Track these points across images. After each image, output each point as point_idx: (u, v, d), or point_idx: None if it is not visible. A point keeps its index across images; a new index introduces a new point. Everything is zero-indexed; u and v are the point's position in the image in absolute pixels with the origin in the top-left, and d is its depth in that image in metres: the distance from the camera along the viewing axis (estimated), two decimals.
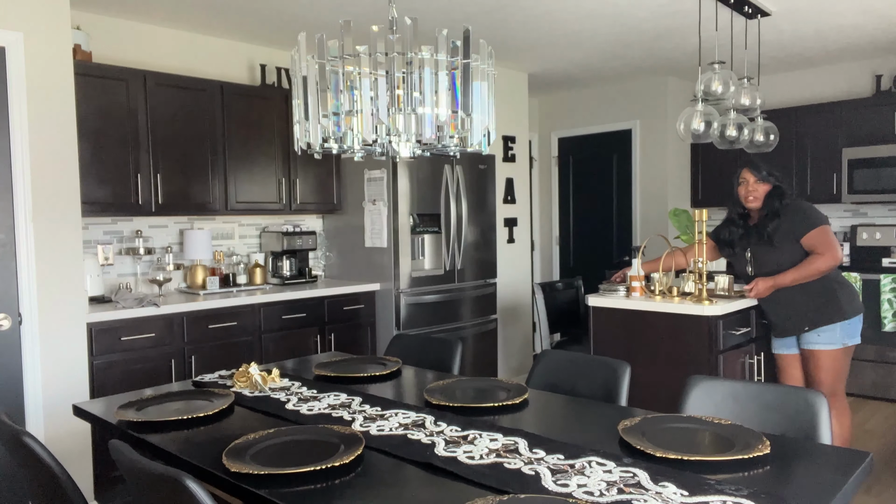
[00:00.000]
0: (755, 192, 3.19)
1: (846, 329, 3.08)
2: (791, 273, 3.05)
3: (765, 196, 3.19)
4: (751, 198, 3.20)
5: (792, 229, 3.09)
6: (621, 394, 2.20)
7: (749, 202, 3.22)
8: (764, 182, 3.20)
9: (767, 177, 3.19)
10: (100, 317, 3.28)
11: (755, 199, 3.20)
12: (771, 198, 3.18)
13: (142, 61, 4.00)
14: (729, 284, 3.32)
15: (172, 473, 1.25)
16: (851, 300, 3.12)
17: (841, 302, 3.08)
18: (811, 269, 3.02)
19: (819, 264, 3.01)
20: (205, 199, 3.94)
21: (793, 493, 1.35)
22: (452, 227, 4.68)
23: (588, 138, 6.59)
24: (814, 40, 4.82)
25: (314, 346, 4.16)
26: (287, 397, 2.13)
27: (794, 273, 3.04)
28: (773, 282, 3.06)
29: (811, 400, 1.85)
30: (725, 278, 3.29)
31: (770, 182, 3.19)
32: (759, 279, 3.08)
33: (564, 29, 4.41)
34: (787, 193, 3.19)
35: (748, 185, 3.21)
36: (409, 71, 1.80)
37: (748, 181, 3.21)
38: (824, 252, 3.01)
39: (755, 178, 3.19)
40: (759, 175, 3.19)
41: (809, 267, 3.02)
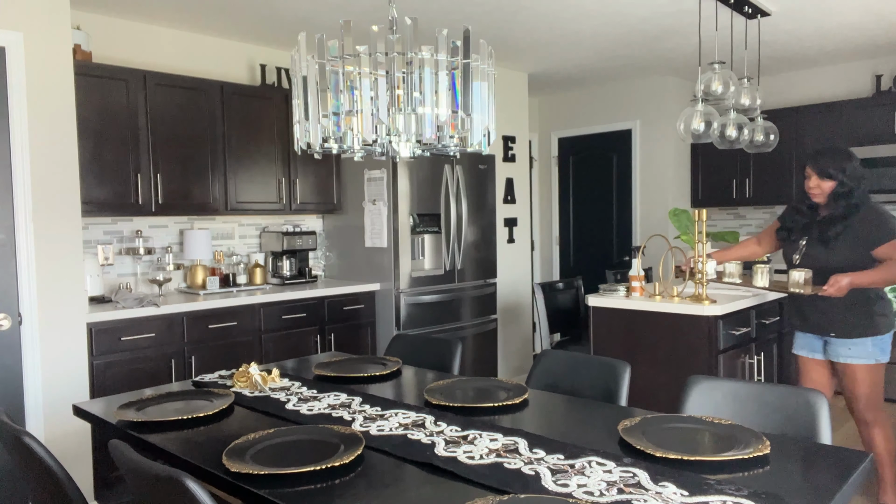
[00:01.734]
0: (818, 189, 2.96)
1: (878, 344, 2.92)
2: (870, 275, 2.77)
3: (830, 194, 2.93)
4: (813, 194, 2.99)
5: (862, 237, 2.85)
6: (621, 394, 2.20)
7: (813, 198, 3.01)
8: (827, 179, 2.92)
9: (831, 174, 2.91)
10: (100, 317, 3.28)
11: (818, 195, 2.97)
12: (837, 198, 2.91)
13: (142, 61, 4.00)
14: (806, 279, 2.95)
15: (172, 473, 1.25)
16: (886, 316, 2.95)
17: (875, 316, 2.91)
18: (887, 274, 2.76)
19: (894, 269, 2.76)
20: (205, 199, 3.94)
21: (793, 493, 1.35)
22: (452, 227, 4.68)
23: (588, 138, 6.59)
24: (814, 40, 4.82)
25: (314, 346, 4.16)
26: (287, 397, 2.13)
27: (874, 275, 2.76)
28: (849, 279, 2.75)
29: (811, 400, 1.85)
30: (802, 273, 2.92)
31: (835, 179, 2.90)
32: (837, 276, 2.75)
33: (564, 29, 4.41)
34: (856, 192, 2.89)
35: (811, 181, 2.98)
36: (409, 71, 1.80)
37: (811, 177, 2.98)
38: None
39: (817, 175, 2.95)
40: (820, 172, 2.93)
41: (887, 272, 2.76)
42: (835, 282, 2.76)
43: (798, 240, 3.07)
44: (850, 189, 2.88)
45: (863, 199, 2.90)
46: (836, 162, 2.90)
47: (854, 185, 2.88)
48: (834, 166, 2.89)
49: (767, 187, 5.74)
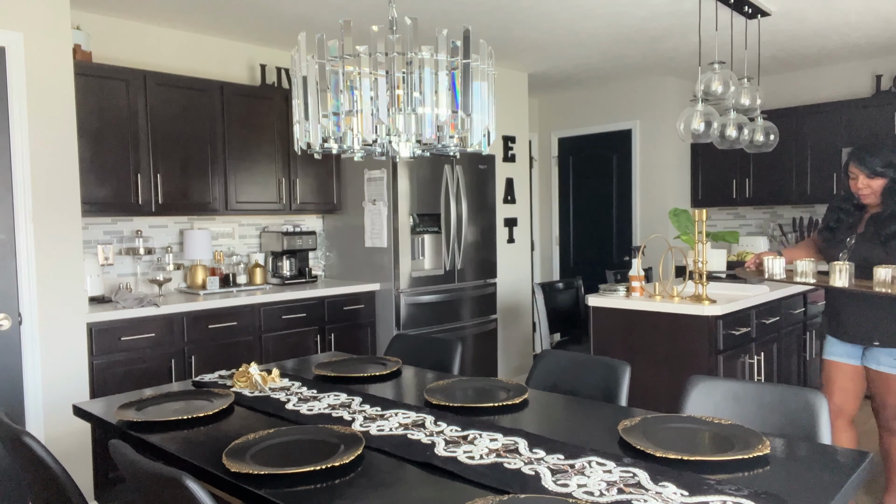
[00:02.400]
0: (868, 189, 2.77)
1: None
2: None
3: (882, 191, 2.75)
4: (863, 195, 2.79)
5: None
6: (621, 394, 2.20)
7: (863, 198, 2.81)
8: (877, 177, 2.74)
9: (882, 171, 2.73)
10: (100, 317, 3.28)
11: (868, 195, 2.78)
12: (891, 194, 2.73)
13: (142, 61, 4.00)
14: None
15: (172, 473, 1.25)
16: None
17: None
18: None
19: None
20: (205, 199, 3.94)
21: (793, 493, 1.35)
22: (452, 227, 4.68)
23: (588, 138, 6.59)
24: (814, 40, 4.82)
25: (314, 346, 4.16)
26: (287, 397, 2.13)
27: None
28: None
29: (811, 400, 1.85)
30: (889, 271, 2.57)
31: (885, 176, 2.73)
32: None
33: (564, 29, 4.41)
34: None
35: (858, 181, 2.79)
36: (409, 71, 1.80)
37: (858, 177, 2.78)
38: None
39: (866, 174, 2.75)
40: (869, 170, 2.74)
41: None
42: None
43: (844, 238, 2.88)
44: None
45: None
46: (883, 158, 2.73)
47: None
48: (883, 163, 2.72)
49: (767, 187, 5.74)
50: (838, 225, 2.93)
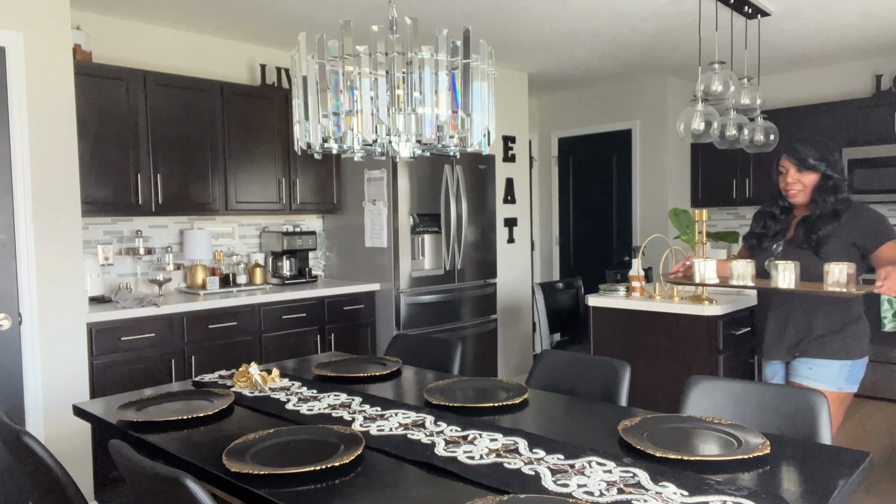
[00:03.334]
0: (798, 185, 2.48)
1: (844, 370, 2.46)
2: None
3: (813, 189, 2.47)
4: (792, 191, 2.51)
5: (856, 238, 2.40)
6: (621, 394, 2.20)
7: (791, 196, 2.53)
8: (810, 171, 2.45)
9: (814, 164, 2.44)
10: (100, 317, 3.28)
11: (798, 192, 2.50)
12: (823, 192, 2.44)
13: (142, 61, 4.00)
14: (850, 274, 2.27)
15: (172, 473, 1.25)
16: (861, 339, 2.52)
17: (848, 338, 2.48)
18: None
19: None
20: (205, 199, 3.94)
21: (793, 493, 1.35)
22: (452, 227, 4.68)
23: (588, 138, 6.59)
24: (814, 40, 4.82)
25: (314, 346, 4.16)
26: (287, 397, 2.13)
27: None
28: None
29: (811, 400, 1.85)
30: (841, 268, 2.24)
31: (819, 170, 2.44)
32: (891, 270, 2.14)
33: (564, 29, 4.41)
34: (843, 186, 2.45)
35: (788, 175, 2.50)
36: (409, 71, 1.80)
37: (788, 171, 2.50)
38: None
39: (796, 167, 2.47)
40: (801, 163, 2.46)
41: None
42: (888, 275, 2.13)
43: (770, 245, 2.62)
44: (836, 183, 2.44)
45: (847, 201, 2.46)
46: (818, 150, 2.45)
47: (839, 178, 2.45)
48: (815, 156, 2.44)
49: (767, 187, 5.73)
50: (765, 231, 2.65)
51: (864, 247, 2.40)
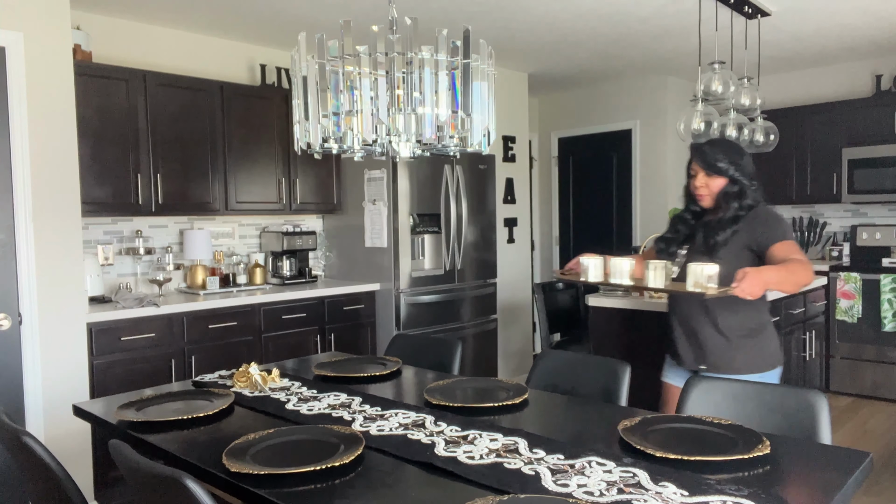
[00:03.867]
0: (706, 189, 2.42)
1: None
2: (779, 270, 2.09)
3: (719, 193, 2.40)
4: (700, 194, 2.45)
5: (752, 239, 2.32)
6: (621, 394, 2.20)
7: (700, 199, 2.47)
8: (717, 175, 2.38)
9: (722, 168, 2.37)
10: (100, 317, 3.28)
11: (705, 196, 2.43)
12: (727, 197, 2.38)
13: (142, 61, 4.00)
14: (710, 275, 2.07)
15: (172, 473, 1.25)
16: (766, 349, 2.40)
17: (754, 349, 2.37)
18: (798, 275, 2.10)
19: (803, 270, 2.12)
20: (205, 199, 3.94)
21: (793, 493, 1.35)
22: (452, 227, 4.68)
23: (588, 138, 6.59)
24: (814, 40, 4.82)
25: (314, 346, 4.16)
26: (287, 397, 2.13)
27: (781, 272, 2.08)
28: (764, 276, 2.02)
29: (811, 400, 1.84)
30: (705, 267, 2.07)
31: (726, 175, 2.38)
32: (749, 270, 2.00)
33: (564, 29, 4.41)
34: (749, 192, 2.38)
35: (697, 178, 2.44)
36: (409, 71, 1.80)
37: (697, 174, 2.44)
38: (805, 260, 2.17)
39: (704, 171, 2.40)
40: (709, 167, 2.39)
41: (797, 271, 2.10)
42: (744, 276, 1.98)
43: (677, 250, 2.59)
44: (742, 188, 2.37)
45: (756, 200, 2.40)
46: (726, 155, 2.39)
47: (746, 184, 2.38)
48: (724, 160, 2.38)
49: (767, 187, 5.68)
50: (675, 236, 2.59)
51: (758, 248, 2.30)
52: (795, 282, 2.10)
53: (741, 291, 1.96)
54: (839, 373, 5.09)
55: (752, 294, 1.96)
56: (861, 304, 4.95)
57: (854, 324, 4.99)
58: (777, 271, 2.07)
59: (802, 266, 2.11)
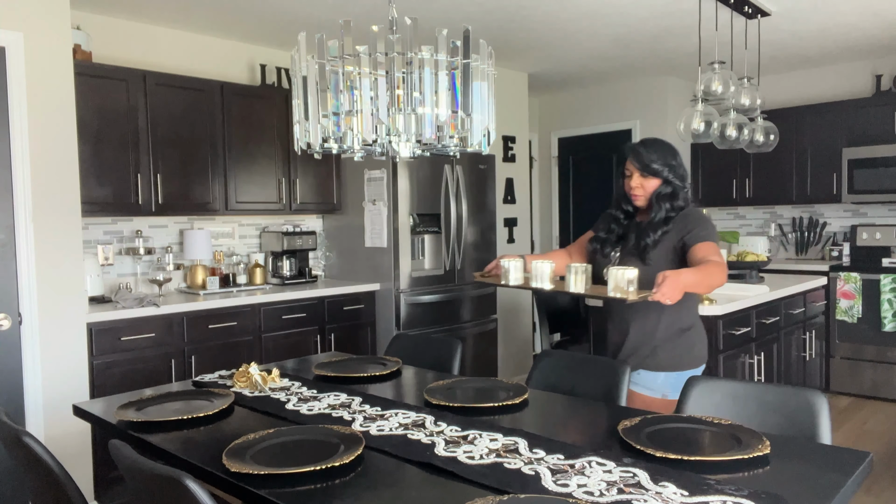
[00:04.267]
0: (641, 189, 2.38)
1: (670, 380, 2.35)
2: (697, 273, 2.07)
3: (652, 194, 2.37)
4: (635, 195, 2.41)
5: (681, 237, 2.29)
6: (621, 394, 2.20)
7: (635, 199, 2.43)
8: (652, 176, 2.36)
9: (657, 169, 2.35)
10: (100, 317, 3.28)
11: (640, 196, 2.40)
12: (660, 198, 2.35)
13: (142, 61, 4.00)
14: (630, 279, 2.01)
15: (172, 473, 1.25)
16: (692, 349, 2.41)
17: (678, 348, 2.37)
18: (713, 278, 2.09)
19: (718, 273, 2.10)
20: (205, 199, 3.94)
21: (793, 493, 1.35)
22: (452, 227, 4.68)
23: (588, 138, 6.59)
24: (814, 40, 4.82)
25: (314, 346, 4.16)
26: (287, 397, 2.13)
27: (698, 274, 2.06)
28: (683, 279, 1.97)
29: (811, 400, 1.84)
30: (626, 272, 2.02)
31: (661, 176, 2.35)
32: (668, 274, 1.95)
33: (564, 29, 4.41)
34: (682, 193, 2.37)
35: (632, 179, 2.40)
36: (409, 71, 1.80)
37: (633, 174, 2.40)
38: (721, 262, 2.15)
39: (639, 171, 2.37)
40: (644, 168, 2.36)
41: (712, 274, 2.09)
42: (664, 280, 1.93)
43: (610, 252, 2.51)
44: (674, 190, 2.35)
45: (687, 202, 2.39)
46: (661, 156, 2.37)
47: (679, 185, 2.37)
48: (659, 161, 2.35)
49: (767, 187, 5.74)
50: (608, 236, 2.53)
51: (683, 248, 2.29)
52: (710, 284, 2.09)
53: (661, 296, 1.92)
54: (839, 373, 5.09)
55: (671, 298, 1.92)
56: (861, 304, 4.95)
57: (854, 324, 4.99)
58: (694, 274, 2.05)
59: (718, 268, 2.11)
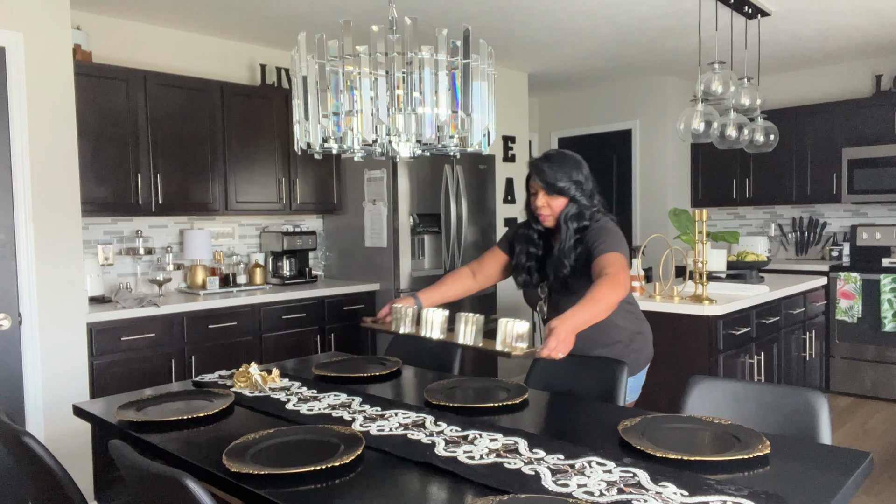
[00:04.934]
0: (548, 209, 2.26)
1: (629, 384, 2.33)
2: (583, 309, 1.91)
3: (560, 214, 2.25)
4: (542, 215, 2.28)
5: (589, 252, 2.18)
6: (619, 394, 2.20)
7: (542, 219, 2.30)
8: (558, 195, 2.23)
9: (563, 189, 2.22)
10: (100, 317, 3.27)
11: (548, 216, 2.28)
12: (567, 218, 2.23)
13: (142, 61, 4.00)
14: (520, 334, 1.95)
15: (172, 473, 1.25)
16: (641, 352, 2.41)
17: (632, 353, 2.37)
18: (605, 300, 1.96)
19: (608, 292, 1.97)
20: (205, 199, 3.94)
21: (793, 493, 1.35)
22: (452, 227, 4.68)
23: (588, 138, 6.59)
24: (814, 40, 4.82)
25: (314, 346, 4.16)
26: (287, 397, 2.13)
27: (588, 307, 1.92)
28: (572, 325, 1.85)
29: (811, 400, 1.85)
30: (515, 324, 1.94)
31: (567, 195, 2.22)
32: (558, 324, 1.84)
33: (564, 29, 4.41)
34: (587, 212, 2.24)
35: (538, 197, 2.27)
36: (409, 71, 1.80)
37: (538, 193, 2.27)
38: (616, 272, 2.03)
39: (544, 190, 2.24)
40: (549, 188, 2.23)
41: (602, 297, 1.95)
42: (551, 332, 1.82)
43: (540, 283, 2.40)
44: (580, 210, 2.24)
45: (595, 218, 2.25)
46: (567, 173, 2.23)
47: (586, 204, 2.25)
48: (564, 179, 2.22)
49: (767, 187, 5.74)
50: (528, 262, 2.38)
51: (591, 257, 2.17)
52: (604, 309, 1.96)
53: (548, 353, 1.78)
54: (839, 373, 5.09)
55: (562, 352, 1.79)
56: (861, 304, 4.95)
57: (854, 324, 4.99)
58: (582, 310, 1.90)
59: (608, 286, 1.97)
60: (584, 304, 1.92)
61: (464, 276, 2.55)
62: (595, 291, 1.96)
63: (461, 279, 2.54)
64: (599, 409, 1.99)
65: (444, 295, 2.48)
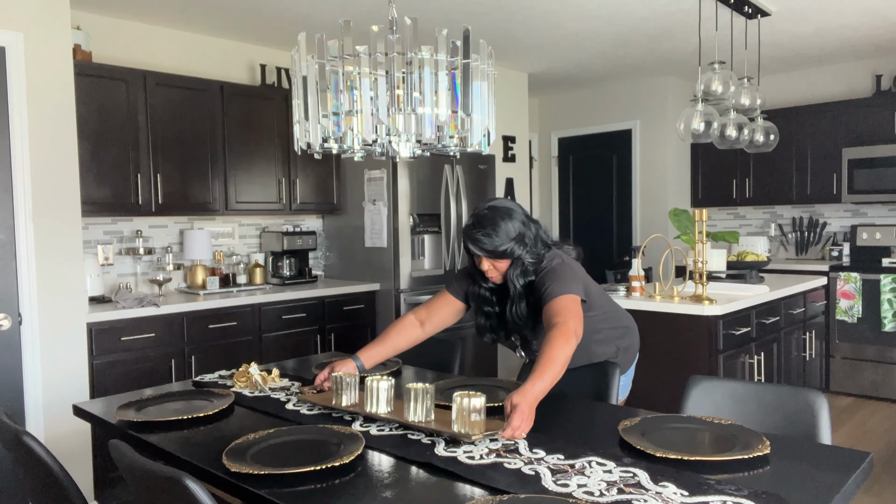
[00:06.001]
0: (495, 271, 2.16)
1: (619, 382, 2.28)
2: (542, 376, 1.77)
3: (505, 273, 2.17)
4: (490, 276, 2.19)
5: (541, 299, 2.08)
6: (612, 393, 2.20)
7: (492, 279, 2.21)
8: (501, 259, 2.12)
9: (505, 252, 2.10)
10: (100, 317, 3.28)
11: (497, 277, 2.19)
12: (514, 278, 2.15)
13: (142, 61, 4.00)
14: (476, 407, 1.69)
15: (172, 473, 1.25)
16: (629, 351, 2.39)
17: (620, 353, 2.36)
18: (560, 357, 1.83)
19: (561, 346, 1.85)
20: (205, 199, 3.94)
21: (793, 493, 1.35)
22: (452, 227, 4.68)
23: (588, 138, 6.59)
24: (814, 40, 4.82)
25: (314, 346, 4.16)
26: (287, 397, 2.13)
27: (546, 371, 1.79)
28: (533, 397, 1.72)
29: (811, 400, 1.85)
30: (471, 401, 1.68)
31: (509, 257, 2.11)
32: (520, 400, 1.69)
33: (564, 29, 4.41)
34: (528, 265, 2.13)
35: (482, 262, 2.16)
36: (409, 71, 1.80)
37: (479, 260, 2.17)
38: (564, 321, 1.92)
39: (486, 257, 2.13)
40: (490, 255, 2.11)
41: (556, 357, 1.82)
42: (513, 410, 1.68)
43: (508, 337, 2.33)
44: (525, 268, 2.13)
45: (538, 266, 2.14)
46: (504, 235, 2.09)
47: (532, 260, 2.14)
48: (503, 242, 2.09)
49: (767, 187, 5.74)
50: (488, 321, 2.30)
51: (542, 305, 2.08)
52: (563, 365, 1.83)
53: (511, 434, 1.65)
54: (839, 373, 5.09)
55: (526, 429, 1.67)
56: (861, 304, 4.95)
57: (854, 324, 4.99)
58: (541, 377, 1.77)
59: (559, 340, 1.85)
60: (541, 370, 1.79)
61: (410, 325, 2.37)
62: (549, 351, 1.83)
63: (406, 329, 2.36)
64: (599, 409, 1.99)
65: (388, 350, 2.30)
